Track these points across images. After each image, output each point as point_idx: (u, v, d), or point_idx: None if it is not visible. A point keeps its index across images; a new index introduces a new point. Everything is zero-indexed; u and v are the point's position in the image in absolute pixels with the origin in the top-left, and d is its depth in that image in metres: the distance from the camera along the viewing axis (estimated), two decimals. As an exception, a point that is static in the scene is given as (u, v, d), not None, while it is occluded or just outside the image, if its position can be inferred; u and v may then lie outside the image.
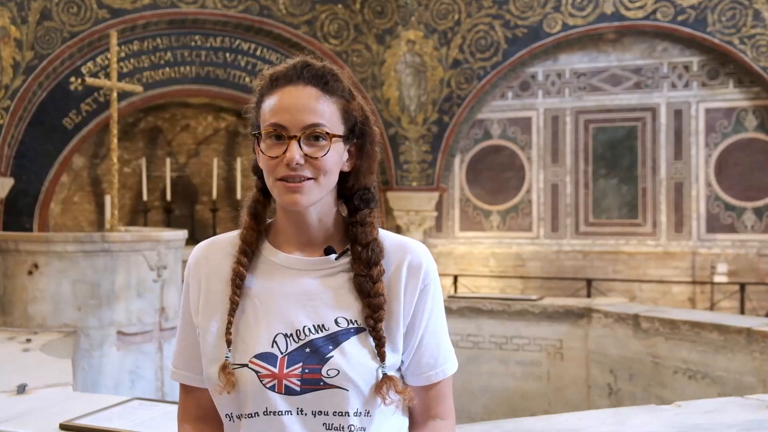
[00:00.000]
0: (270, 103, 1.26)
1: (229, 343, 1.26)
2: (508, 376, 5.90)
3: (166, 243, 5.15)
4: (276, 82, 1.28)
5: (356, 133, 1.31)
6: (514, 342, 5.89)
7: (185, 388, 1.40)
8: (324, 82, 1.27)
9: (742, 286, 7.92)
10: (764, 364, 4.38)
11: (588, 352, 5.66)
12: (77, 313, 4.72)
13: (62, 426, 2.53)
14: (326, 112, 1.25)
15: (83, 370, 4.57)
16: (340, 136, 1.27)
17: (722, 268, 8.57)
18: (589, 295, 8.08)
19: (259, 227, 1.34)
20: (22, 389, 3.04)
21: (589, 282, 8.55)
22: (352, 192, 1.34)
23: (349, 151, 1.31)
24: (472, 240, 9.62)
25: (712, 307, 8.34)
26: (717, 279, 8.53)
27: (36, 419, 2.66)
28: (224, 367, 1.24)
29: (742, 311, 7.78)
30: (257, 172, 1.35)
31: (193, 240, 8.44)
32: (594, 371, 5.61)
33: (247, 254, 1.30)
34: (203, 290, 1.34)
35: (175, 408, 2.74)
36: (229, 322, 1.27)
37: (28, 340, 4.25)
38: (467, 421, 4.47)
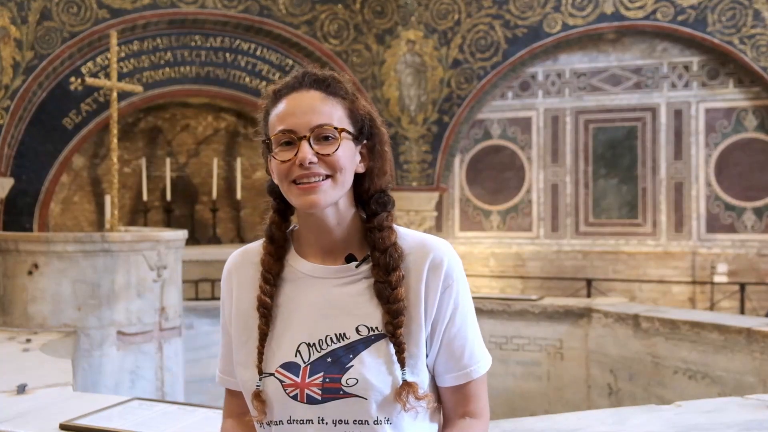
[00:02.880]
0: (276, 112, 1.28)
1: (260, 371, 1.28)
2: (508, 376, 5.90)
3: (166, 243, 5.14)
4: (279, 94, 1.29)
5: (365, 134, 1.31)
6: (514, 342, 5.89)
7: (229, 390, 1.43)
8: (326, 85, 1.28)
9: (742, 286, 7.92)
10: (764, 364, 4.38)
11: (588, 352, 5.65)
12: (77, 313, 4.71)
13: (62, 426, 2.53)
14: (332, 113, 1.26)
15: (83, 370, 4.57)
16: (349, 133, 1.27)
17: (722, 268, 8.57)
18: (589, 295, 8.08)
19: (277, 250, 1.34)
20: (22, 389, 3.04)
21: (589, 282, 8.55)
22: (368, 195, 1.33)
23: (360, 153, 1.31)
24: (472, 240, 9.62)
25: (712, 307, 8.34)
26: (717, 279, 8.53)
27: (36, 419, 2.66)
28: (257, 395, 1.26)
29: (742, 311, 7.79)
30: (272, 192, 1.35)
31: (193, 240, 8.46)
32: (594, 371, 5.61)
33: (269, 281, 1.31)
34: (235, 300, 1.37)
35: (174, 408, 2.78)
36: (260, 352, 1.29)
37: (28, 340, 4.25)
38: (467, 421, 4.46)
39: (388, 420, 1.24)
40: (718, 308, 8.26)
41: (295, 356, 1.26)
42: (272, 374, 1.26)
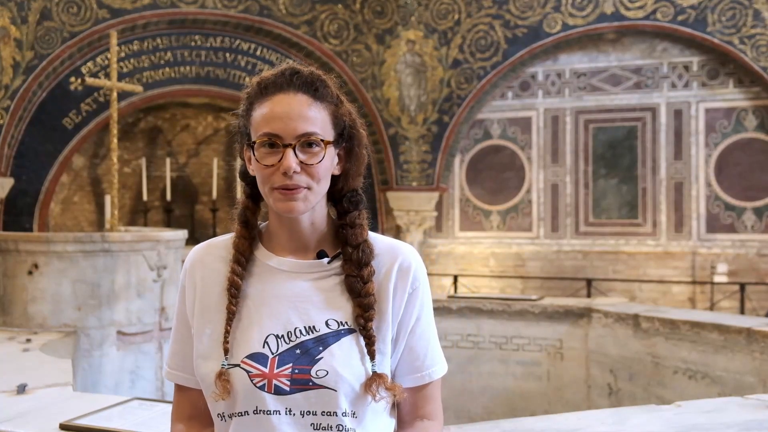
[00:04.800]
0: (261, 111, 1.27)
1: (226, 351, 1.27)
2: (508, 376, 5.90)
3: (166, 243, 5.14)
4: (265, 90, 1.29)
5: (345, 137, 1.33)
6: (514, 342, 5.89)
7: (180, 388, 1.42)
8: (314, 89, 1.28)
9: (742, 286, 7.91)
10: (764, 364, 4.38)
11: (588, 352, 5.65)
12: (77, 313, 4.71)
13: (62, 426, 2.53)
14: (318, 119, 1.27)
15: (83, 370, 4.57)
16: (331, 142, 1.29)
17: (722, 268, 8.57)
18: (589, 295, 8.07)
19: (251, 234, 1.36)
20: (22, 389, 3.04)
21: (589, 282, 8.55)
22: (341, 194, 1.36)
23: (338, 155, 1.33)
24: (472, 240, 9.62)
25: (712, 307, 8.34)
26: (717, 279, 8.52)
27: (36, 419, 2.66)
28: (220, 375, 1.26)
29: (742, 311, 7.78)
30: (245, 177, 1.37)
31: (193, 240, 8.45)
32: (594, 371, 5.61)
33: (241, 263, 1.32)
34: (199, 293, 1.36)
35: (175, 408, 2.76)
36: (227, 331, 1.29)
37: (28, 340, 4.25)
38: (467, 421, 4.47)
39: (354, 413, 1.26)
40: (718, 308, 8.26)
41: (263, 347, 1.26)
42: (237, 365, 1.26)
